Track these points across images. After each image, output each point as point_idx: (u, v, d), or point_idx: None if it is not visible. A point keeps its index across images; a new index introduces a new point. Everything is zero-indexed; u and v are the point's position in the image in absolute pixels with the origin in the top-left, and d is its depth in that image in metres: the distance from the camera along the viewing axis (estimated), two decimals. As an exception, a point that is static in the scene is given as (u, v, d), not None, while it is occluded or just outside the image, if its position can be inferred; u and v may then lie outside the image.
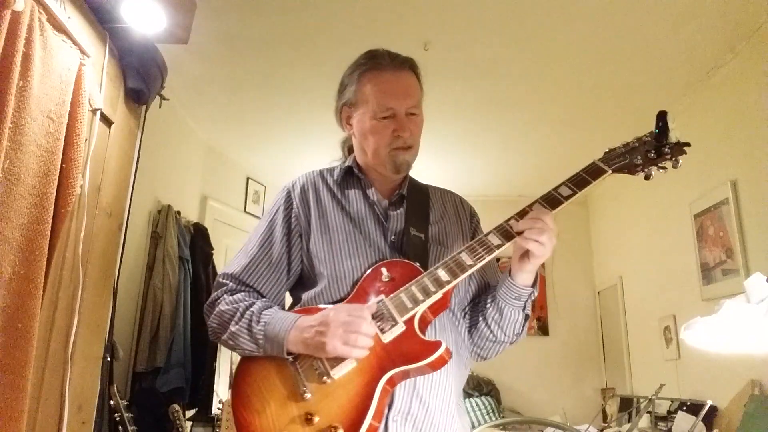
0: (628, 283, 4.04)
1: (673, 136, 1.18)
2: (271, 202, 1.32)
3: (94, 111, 1.67)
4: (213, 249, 3.48)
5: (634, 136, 1.23)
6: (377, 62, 1.27)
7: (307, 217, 1.25)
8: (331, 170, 1.35)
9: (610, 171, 1.18)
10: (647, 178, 1.20)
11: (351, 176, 1.31)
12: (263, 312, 1.14)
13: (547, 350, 4.53)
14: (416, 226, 1.24)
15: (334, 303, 1.15)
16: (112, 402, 2.01)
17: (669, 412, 2.94)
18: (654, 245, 3.55)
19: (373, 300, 1.10)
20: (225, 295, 1.21)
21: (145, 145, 2.11)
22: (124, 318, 2.75)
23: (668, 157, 1.17)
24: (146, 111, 2.07)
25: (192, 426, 2.98)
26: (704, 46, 2.62)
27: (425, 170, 1.58)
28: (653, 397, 2.55)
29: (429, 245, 1.23)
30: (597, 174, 1.17)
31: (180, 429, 2.46)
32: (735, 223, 2.59)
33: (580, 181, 1.16)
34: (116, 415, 1.99)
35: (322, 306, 1.15)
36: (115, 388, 2.05)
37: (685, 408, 2.76)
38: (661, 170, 1.19)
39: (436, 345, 1.04)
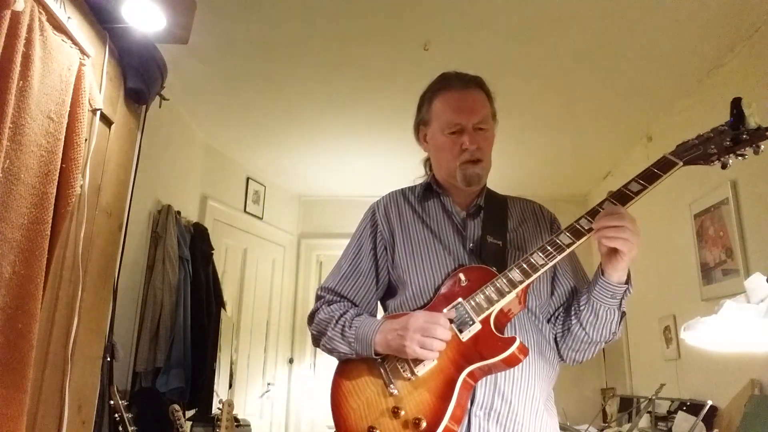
0: (628, 283, 4.03)
1: (752, 121, 1.10)
2: (359, 222, 1.44)
3: (94, 111, 1.67)
4: (213, 249, 3.48)
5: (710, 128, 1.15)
6: (446, 82, 1.37)
7: (391, 232, 1.36)
8: (412, 188, 1.45)
9: (682, 163, 1.14)
10: (724, 167, 1.15)
11: (430, 191, 1.41)
12: (355, 318, 1.26)
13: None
14: (493, 233, 1.31)
15: (416, 308, 1.25)
16: (112, 402, 2.01)
17: (669, 412, 2.94)
18: (654, 245, 3.55)
19: (451, 303, 1.18)
20: (323, 306, 1.34)
21: (145, 145, 2.10)
22: (124, 318, 2.75)
23: (747, 143, 1.11)
24: (146, 111, 2.07)
25: (192, 426, 2.98)
26: (704, 46, 2.62)
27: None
28: (653, 397, 2.55)
29: (507, 251, 1.29)
30: (668, 167, 1.14)
31: (180, 429, 2.46)
32: (735, 223, 2.59)
33: (650, 175, 1.15)
34: (116, 415, 1.99)
35: (406, 312, 1.23)
36: (115, 388, 2.05)
37: (685, 408, 2.76)
38: (740, 158, 1.13)
39: (510, 341, 1.10)
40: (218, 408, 2.77)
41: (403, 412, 1.12)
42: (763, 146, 1.11)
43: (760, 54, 2.46)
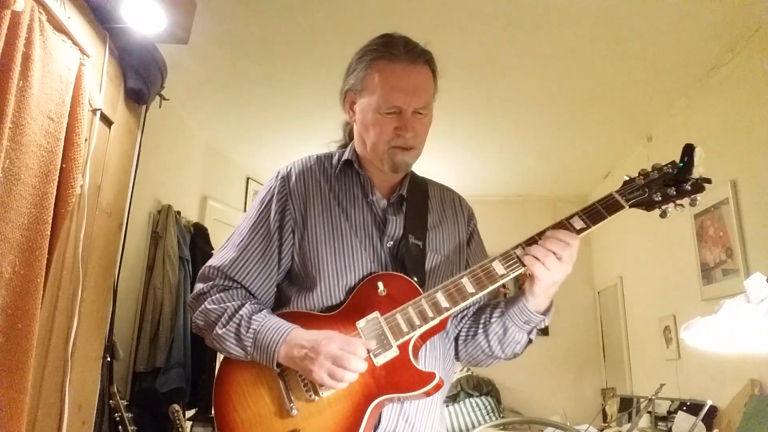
0: (628, 283, 4.04)
1: (697, 172, 1.12)
2: (263, 188, 1.24)
3: (94, 111, 1.67)
4: (213, 249, 3.47)
5: (653, 165, 1.16)
6: (390, 50, 1.16)
7: (302, 211, 1.18)
8: (329, 157, 1.28)
9: (627, 207, 1.12)
10: (663, 216, 1.16)
11: (350, 169, 1.24)
12: (253, 317, 1.09)
13: (547, 350, 4.53)
14: (415, 232, 1.19)
15: (325, 309, 1.13)
16: (112, 402, 2.01)
17: (669, 412, 2.94)
18: (654, 245, 3.55)
19: (366, 315, 1.07)
20: (211, 291, 1.15)
21: (145, 145, 2.11)
22: (124, 318, 2.75)
23: (688, 193, 1.12)
24: (146, 111, 2.07)
25: (192, 426, 2.98)
26: (704, 46, 2.62)
27: (425, 171, 1.58)
28: (653, 397, 2.55)
29: (426, 254, 1.19)
30: (614, 209, 1.11)
31: (180, 429, 2.46)
32: (735, 223, 2.58)
33: (596, 214, 1.10)
34: (116, 415, 1.99)
35: (313, 313, 1.12)
36: (115, 388, 2.05)
37: (685, 408, 2.76)
38: (678, 208, 1.15)
39: (430, 378, 1.02)
40: (218, 408, 2.77)
41: None
42: (699, 198, 1.13)
43: (760, 54, 2.46)
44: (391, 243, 1.18)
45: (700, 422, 2.34)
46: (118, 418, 1.99)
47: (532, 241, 1.08)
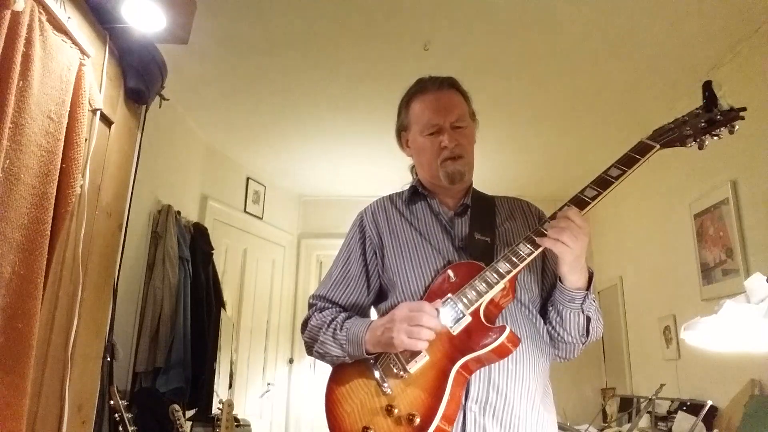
0: (628, 283, 4.04)
1: (724, 102, 1.12)
2: (348, 231, 1.44)
3: (94, 111, 1.66)
4: (213, 249, 3.48)
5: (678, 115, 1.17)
6: (422, 86, 1.39)
7: (380, 236, 1.36)
8: (400, 194, 1.46)
9: (659, 146, 1.15)
10: (701, 147, 1.16)
11: (417, 195, 1.41)
12: (346, 321, 1.26)
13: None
14: (481, 230, 1.30)
15: None
16: (112, 402, 2.01)
17: (669, 412, 2.94)
18: (654, 245, 3.55)
19: (441, 299, 1.16)
20: (315, 313, 1.34)
21: (145, 145, 2.10)
22: (124, 318, 2.75)
23: (722, 124, 1.13)
24: (146, 111, 2.07)
25: (192, 426, 2.98)
26: (704, 46, 2.62)
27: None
28: (653, 397, 2.55)
29: (495, 246, 1.28)
30: (645, 151, 1.15)
31: (180, 429, 2.46)
32: (735, 223, 2.59)
33: (628, 160, 1.15)
34: (116, 415, 1.99)
35: None
36: (115, 388, 2.05)
37: (685, 408, 2.76)
38: (715, 137, 1.15)
39: (501, 330, 1.09)
40: (218, 408, 2.77)
41: (396, 410, 1.11)
42: (737, 126, 1.13)
43: (760, 54, 2.46)
44: (460, 242, 1.31)
45: (700, 422, 2.34)
46: (118, 418, 1.99)
47: (576, 199, 1.17)
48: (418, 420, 1.08)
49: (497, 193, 1.49)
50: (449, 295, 1.16)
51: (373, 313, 1.41)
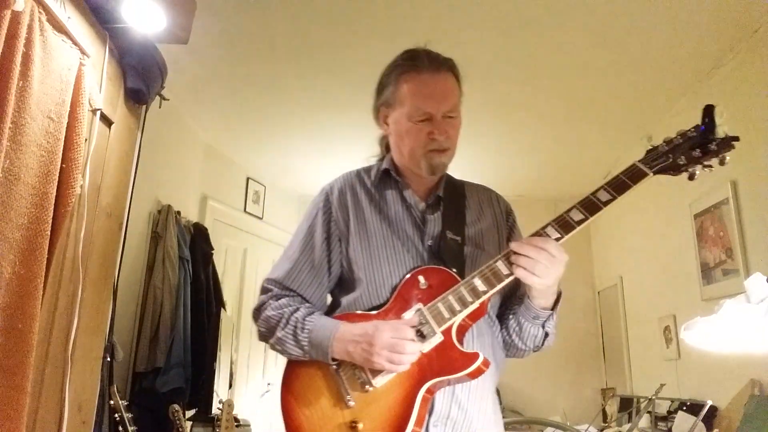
0: (628, 283, 4.04)
1: (721, 131, 1.10)
2: (310, 204, 1.35)
3: (94, 111, 1.67)
4: (213, 249, 3.47)
5: (677, 131, 1.16)
6: (415, 63, 1.26)
7: (346, 221, 1.27)
8: (368, 170, 1.36)
9: (652, 174, 1.12)
10: (691, 178, 1.14)
11: (388, 177, 1.32)
12: (306, 319, 1.18)
13: (547, 350, 4.54)
14: (453, 229, 1.25)
15: (372, 308, 1.19)
16: (112, 402, 2.01)
17: (669, 412, 2.94)
18: (654, 245, 3.55)
19: (410, 308, 1.13)
20: (271, 300, 1.25)
21: (145, 145, 2.10)
22: (124, 318, 2.75)
23: (715, 154, 1.11)
24: (146, 111, 2.07)
25: (192, 426, 2.98)
26: (704, 46, 2.62)
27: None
28: (653, 397, 2.55)
29: (465, 248, 1.24)
30: (638, 177, 1.11)
31: (180, 429, 2.46)
32: (735, 223, 2.58)
33: (620, 184, 1.11)
34: (116, 415, 1.99)
35: (360, 312, 1.19)
36: (115, 388, 2.05)
37: (685, 408, 2.76)
38: (706, 169, 1.13)
39: (474, 357, 1.07)
40: (218, 408, 2.77)
41: (360, 426, 1.07)
42: (728, 157, 1.11)
43: (760, 54, 2.46)
44: (431, 241, 1.24)
45: (700, 422, 2.34)
46: (118, 418, 1.99)
47: (562, 221, 1.10)
48: None
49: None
50: (419, 305, 1.12)
51: (328, 297, 1.34)
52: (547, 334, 1.23)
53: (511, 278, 1.09)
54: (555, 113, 3.37)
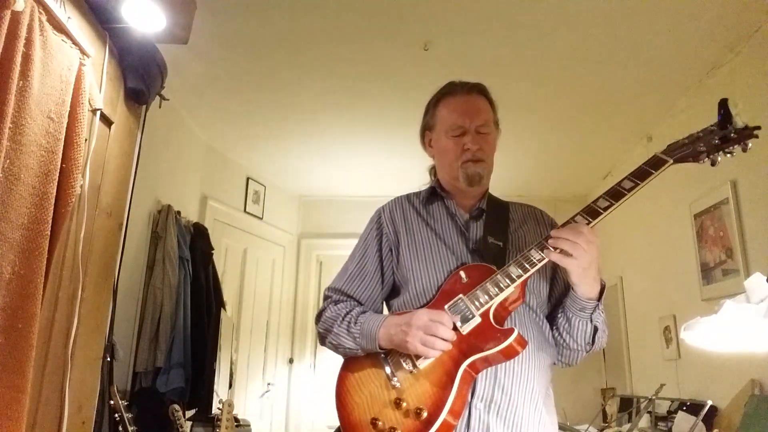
0: (628, 283, 4.04)
1: (739, 120, 1.15)
2: (366, 224, 1.49)
3: (94, 111, 1.67)
4: (213, 249, 3.48)
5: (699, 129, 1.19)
6: (451, 89, 1.43)
7: (396, 234, 1.40)
8: (417, 194, 1.50)
9: (672, 161, 1.18)
10: (713, 164, 1.18)
11: (435, 195, 1.45)
12: (360, 315, 1.30)
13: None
14: (495, 234, 1.34)
15: (420, 306, 1.27)
16: (112, 402, 2.01)
17: (669, 412, 2.94)
18: (654, 245, 3.55)
19: (452, 300, 1.20)
20: (330, 305, 1.38)
21: (145, 145, 2.11)
22: (124, 318, 2.75)
23: (735, 141, 1.15)
24: (146, 111, 2.07)
25: (192, 426, 2.98)
26: (704, 46, 2.62)
27: (425, 170, 1.59)
28: (653, 397, 2.55)
29: (508, 251, 1.32)
30: (658, 165, 1.19)
31: (180, 429, 2.46)
32: (735, 223, 2.58)
33: (642, 173, 1.19)
34: (116, 415, 1.99)
35: (410, 310, 1.26)
36: (115, 388, 2.05)
37: (685, 408, 2.76)
38: (728, 155, 1.17)
39: (509, 332, 1.13)
40: (218, 408, 2.77)
41: (404, 403, 1.15)
42: (750, 144, 1.15)
43: (760, 54, 2.46)
44: (474, 245, 1.35)
45: (700, 422, 2.34)
46: (118, 418, 1.99)
47: (589, 210, 1.20)
48: (425, 414, 1.11)
49: (498, 194, 1.51)
50: (460, 295, 1.19)
51: (385, 308, 1.45)
52: (596, 329, 1.27)
53: (544, 261, 1.15)
54: (555, 113, 3.37)
